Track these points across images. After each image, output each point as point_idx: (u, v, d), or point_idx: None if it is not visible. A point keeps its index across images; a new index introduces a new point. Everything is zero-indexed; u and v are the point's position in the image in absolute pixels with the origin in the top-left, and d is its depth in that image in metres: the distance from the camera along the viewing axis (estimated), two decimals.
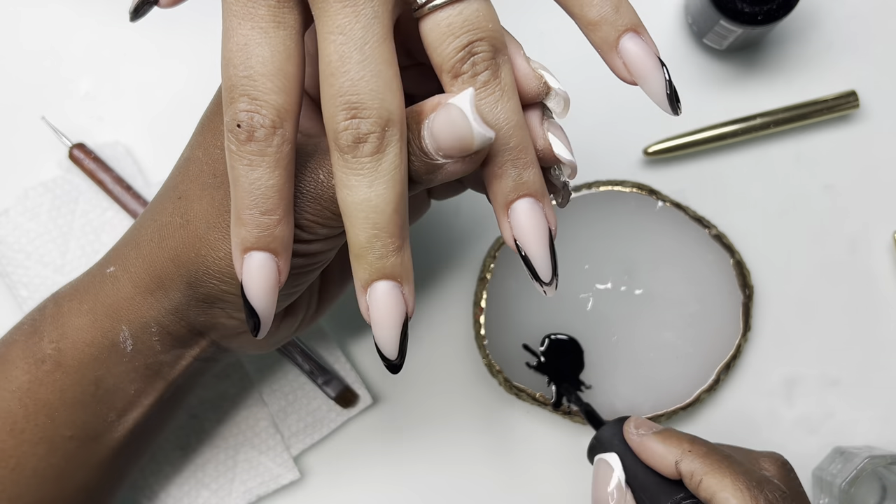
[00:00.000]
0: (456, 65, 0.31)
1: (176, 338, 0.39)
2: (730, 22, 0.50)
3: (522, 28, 0.53)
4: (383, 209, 0.30)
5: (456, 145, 0.31)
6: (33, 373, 0.39)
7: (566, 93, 0.33)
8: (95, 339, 0.39)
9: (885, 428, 0.53)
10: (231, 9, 0.31)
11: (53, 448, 0.40)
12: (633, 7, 0.33)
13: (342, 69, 0.29)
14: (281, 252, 0.32)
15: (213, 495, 0.51)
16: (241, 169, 0.31)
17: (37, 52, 0.54)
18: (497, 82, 0.31)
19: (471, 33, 0.31)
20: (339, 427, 0.53)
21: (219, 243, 0.35)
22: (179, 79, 0.54)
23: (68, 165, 0.52)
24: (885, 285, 0.54)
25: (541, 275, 0.33)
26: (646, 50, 0.32)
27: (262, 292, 0.32)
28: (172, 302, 0.38)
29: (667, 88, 0.33)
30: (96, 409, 0.40)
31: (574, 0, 0.32)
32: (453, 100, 0.31)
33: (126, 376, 0.40)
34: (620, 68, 0.33)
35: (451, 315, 0.54)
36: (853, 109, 0.54)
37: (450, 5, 0.31)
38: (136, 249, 0.38)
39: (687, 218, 0.52)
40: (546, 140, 0.33)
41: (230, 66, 0.31)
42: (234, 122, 0.30)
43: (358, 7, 0.30)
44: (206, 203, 0.35)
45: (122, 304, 0.38)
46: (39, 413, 0.39)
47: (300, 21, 0.31)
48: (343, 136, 0.30)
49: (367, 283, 0.32)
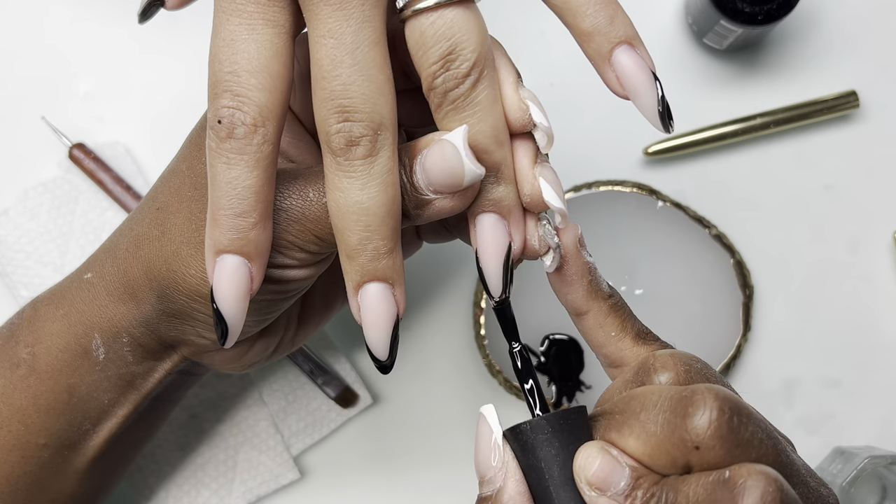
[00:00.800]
0: (430, 79, 0.30)
1: (147, 350, 0.38)
2: (730, 22, 0.50)
3: (522, 28, 0.53)
4: (375, 211, 0.30)
5: (446, 181, 0.31)
6: (8, 377, 0.39)
7: (550, 129, 0.32)
8: (69, 345, 0.38)
9: (885, 428, 0.53)
10: (221, 5, 0.30)
11: (27, 456, 0.40)
12: (631, 18, 0.32)
13: (333, 73, 0.29)
14: (255, 257, 0.31)
15: (214, 495, 0.51)
16: (219, 167, 0.30)
17: (37, 52, 0.54)
18: (470, 101, 0.31)
19: (448, 43, 0.30)
20: (339, 427, 0.53)
21: (191, 259, 0.34)
22: (179, 79, 0.54)
23: (68, 165, 0.52)
24: (885, 285, 0.54)
25: (490, 289, 0.33)
26: (639, 64, 0.31)
27: (232, 298, 0.31)
28: (143, 314, 0.37)
29: (659, 105, 0.32)
30: (70, 417, 0.39)
31: (568, 9, 0.31)
32: (447, 136, 0.30)
33: (99, 385, 0.39)
34: (613, 81, 0.32)
35: (451, 315, 0.54)
36: (853, 109, 0.54)
37: (428, 12, 0.30)
38: (112, 257, 0.38)
39: (687, 218, 0.52)
40: (535, 185, 0.32)
41: (215, 62, 0.30)
42: (216, 118, 0.30)
43: (349, 11, 0.29)
44: (183, 216, 0.35)
45: (96, 312, 0.38)
46: (13, 419, 0.39)
47: (291, 22, 0.31)
48: (335, 138, 0.29)
49: (359, 284, 0.31)
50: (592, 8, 0.31)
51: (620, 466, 0.28)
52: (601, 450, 0.29)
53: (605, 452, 0.29)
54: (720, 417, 0.27)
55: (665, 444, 0.28)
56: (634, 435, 0.28)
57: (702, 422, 0.27)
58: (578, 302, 0.33)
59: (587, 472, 0.29)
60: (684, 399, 0.27)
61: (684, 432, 0.27)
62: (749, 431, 0.27)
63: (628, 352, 0.33)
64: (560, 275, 0.33)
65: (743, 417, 0.27)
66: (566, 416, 0.30)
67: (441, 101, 0.31)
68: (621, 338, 0.33)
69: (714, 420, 0.27)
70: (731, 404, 0.27)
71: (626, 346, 0.33)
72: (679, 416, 0.27)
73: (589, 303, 0.33)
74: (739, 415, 0.27)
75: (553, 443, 0.30)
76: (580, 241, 0.33)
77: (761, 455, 0.27)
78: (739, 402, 0.28)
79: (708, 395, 0.27)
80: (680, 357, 0.31)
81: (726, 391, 0.28)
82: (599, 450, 0.29)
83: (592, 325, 0.33)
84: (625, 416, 0.29)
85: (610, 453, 0.29)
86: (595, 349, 0.34)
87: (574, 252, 0.33)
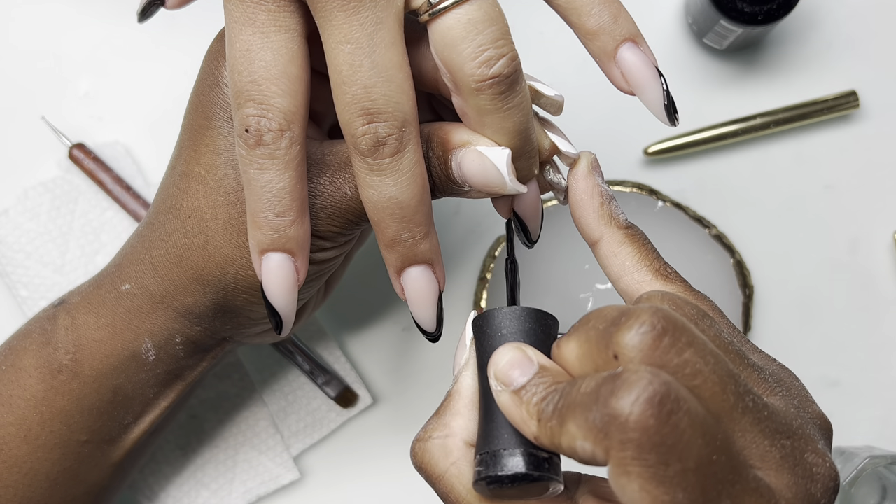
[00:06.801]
0: (471, 80, 0.30)
1: (199, 345, 0.40)
2: (730, 22, 0.50)
3: (522, 28, 0.53)
4: (408, 203, 0.31)
5: (486, 188, 0.32)
6: (48, 381, 0.39)
7: (561, 96, 0.34)
8: (115, 351, 0.39)
9: (885, 428, 0.53)
10: (232, 15, 0.31)
11: (67, 452, 0.40)
12: (632, 17, 0.32)
13: (354, 78, 0.30)
14: (297, 252, 0.33)
15: (213, 495, 0.51)
16: (253, 173, 0.31)
17: (37, 52, 0.54)
18: (515, 98, 0.31)
19: (485, 36, 0.30)
20: (339, 427, 0.53)
21: (244, 261, 0.36)
22: (180, 79, 0.54)
23: (68, 165, 0.52)
24: (885, 285, 0.54)
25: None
26: (644, 60, 0.32)
27: (281, 292, 0.33)
28: (198, 316, 0.38)
29: (664, 99, 0.33)
30: (113, 414, 0.40)
31: (572, 9, 0.32)
32: (488, 153, 0.32)
33: (146, 382, 0.40)
34: (618, 78, 0.33)
35: (451, 315, 0.54)
36: (853, 109, 0.54)
37: (453, 8, 0.30)
38: (152, 269, 0.38)
39: (687, 218, 0.52)
40: (542, 135, 0.34)
41: (235, 73, 0.31)
42: (243, 128, 0.31)
43: (363, 15, 0.30)
44: (222, 221, 0.36)
45: (144, 319, 0.39)
46: (55, 420, 0.40)
47: (301, 24, 0.31)
48: (362, 140, 0.30)
49: (400, 269, 0.33)
50: (597, 7, 0.32)
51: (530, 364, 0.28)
52: (515, 347, 0.29)
53: (517, 349, 0.29)
54: (649, 332, 0.26)
55: (593, 350, 0.27)
56: (574, 340, 0.28)
57: (629, 333, 0.26)
58: (591, 226, 0.33)
59: (496, 365, 0.29)
60: (627, 311, 0.27)
61: (610, 340, 0.26)
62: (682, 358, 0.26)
63: (646, 286, 0.32)
64: (571, 202, 0.33)
65: (679, 341, 0.26)
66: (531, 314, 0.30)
67: (486, 90, 0.30)
68: (638, 269, 0.32)
69: (641, 333, 0.26)
70: (666, 324, 0.26)
71: (643, 279, 0.32)
72: (614, 326, 0.27)
73: (601, 227, 0.33)
74: (675, 336, 0.26)
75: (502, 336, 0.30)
76: (593, 164, 0.33)
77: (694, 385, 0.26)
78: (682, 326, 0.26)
79: (647, 311, 0.26)
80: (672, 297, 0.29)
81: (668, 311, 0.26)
82: (514, 347, 0.29)
83: (606, 252, 0.33)
84: (579, 324, 0.29)
85: (524, 351, 0.29)
86: (613, 283, 0.33)
87: (585, 172, 0.33)
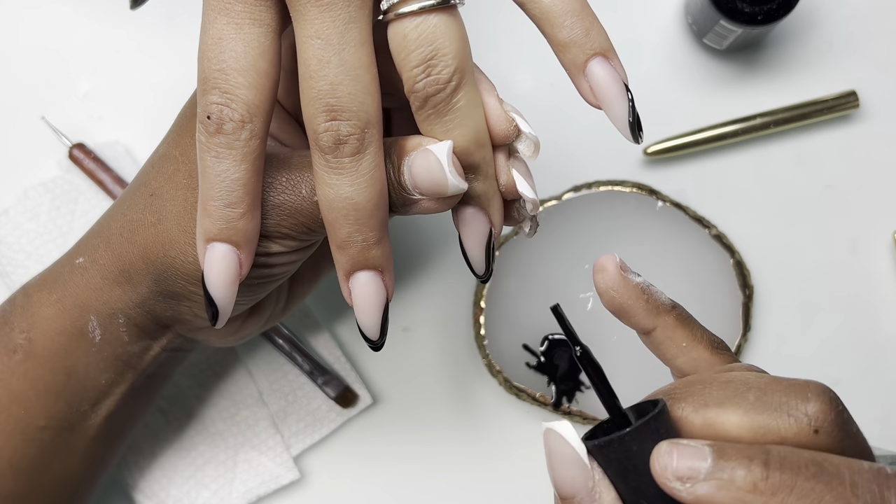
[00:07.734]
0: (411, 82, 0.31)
1: (142, 329, 0.40)
2: (730, 22, 0.50)
3: (522, 28, 0.53)
4: (364, 206, 0.31)
5: (431, 188, 0.32)
6: (5, 363, 0.40)
7: (537, 137, 0.34)
8: (65, 328, 0.39)
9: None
10: (209, 3, 0.31)
11: (27, 438, 0.40)
12: (606, 31, 0.33)
13: (321, 73, 0.30)
14: (243, 245, 0.33)
15: (213, 495, 0.51)
16: (209, 160, 0.32)
17: (37, 52, 0.54)
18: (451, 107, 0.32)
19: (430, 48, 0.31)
20: (339, 427, 0.53)
21: (188, 247, 0.36)
22: (180, 78, 0.54)
23: (68, 165, 0.52)
24: (885, 285, 0.54)
25: (475, 269, 0.35)
26: (612, 75, 0.33)
27: (222, 283, 0.33)
28: (139, 296, 0.38)
29: (629, 115, 0.33)
30: (69, 399, 0.40)
31: (546, 20, 0.32)
32: (432, 147, 0.32)
33: (96, 366, 0.40)
34: (586, 91, 0.33)
35: (451, 315, 0.54)
36: (853, 109, 0.54)
37: (411, 16, 0.31)
38: (105, 242, 0.39)
39: (687, 218, 0.52)
40: (509, 175, 0.34)
41: (204, 59, 0.31)
42: (205, 114, 0.31)
43: (335, 13, 0.30)
44: (178, 203, 0.36)
45: (91, 294, 0.39)
46: (13, 403, 0.40)
47: (277, 20, 0.32)
48: (323, 137, 0.31)
49: (350, 273, 0.33)
50: (570, 20, 0.32)
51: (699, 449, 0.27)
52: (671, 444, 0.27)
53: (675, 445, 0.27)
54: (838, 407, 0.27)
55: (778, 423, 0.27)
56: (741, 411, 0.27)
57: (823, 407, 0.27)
58: (643, 322, 0.33)
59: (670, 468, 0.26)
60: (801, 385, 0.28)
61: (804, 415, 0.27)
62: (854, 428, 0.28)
63: (703, 362, 0.32)
64: (616, 307, 0.33)
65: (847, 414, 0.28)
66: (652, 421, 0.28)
67: (422, 104, 0.32)
68: (694, 347, 0.32)
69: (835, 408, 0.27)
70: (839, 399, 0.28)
71: (700, 355, 0.32)
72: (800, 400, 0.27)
73: (653, 320, 0.33)
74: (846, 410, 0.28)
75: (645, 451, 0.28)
76: (622, 266, 0.33)
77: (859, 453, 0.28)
78: None
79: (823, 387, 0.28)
80: None
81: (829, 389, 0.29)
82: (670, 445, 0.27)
83: (662, 339, 0.33)
84: (726, 392, 0.28)
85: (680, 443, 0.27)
86: (667, 363, 0.33)
87: (620, 281, 0.33)
